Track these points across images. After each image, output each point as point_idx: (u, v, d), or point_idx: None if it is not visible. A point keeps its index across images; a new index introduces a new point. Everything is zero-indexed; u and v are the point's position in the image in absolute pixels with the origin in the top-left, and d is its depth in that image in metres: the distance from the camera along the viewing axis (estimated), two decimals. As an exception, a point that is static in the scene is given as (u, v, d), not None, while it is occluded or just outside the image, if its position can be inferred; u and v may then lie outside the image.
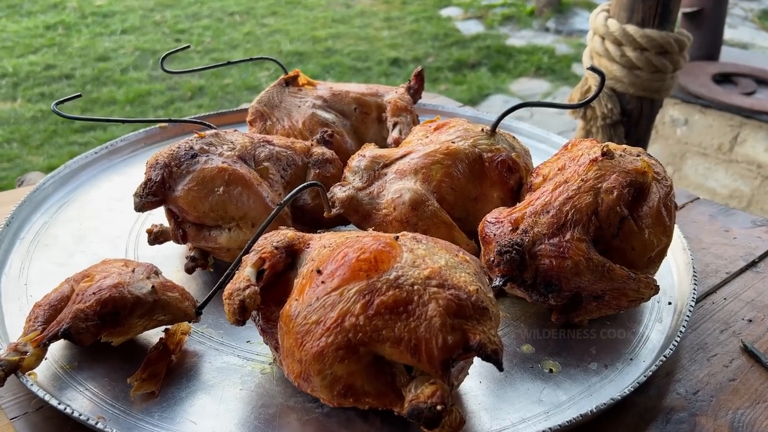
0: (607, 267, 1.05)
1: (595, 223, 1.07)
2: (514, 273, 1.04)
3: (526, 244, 1.05)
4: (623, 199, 1.08)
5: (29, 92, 5.50)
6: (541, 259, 1.05)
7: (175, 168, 1.13)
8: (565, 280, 1.04)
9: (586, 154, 1.16)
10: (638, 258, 1.09)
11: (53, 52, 6.21)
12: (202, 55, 6.16)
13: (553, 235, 1.06)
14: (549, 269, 1.04)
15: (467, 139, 1.27)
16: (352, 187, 1.22)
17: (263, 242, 0.96)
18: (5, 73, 5.75)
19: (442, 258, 0.88)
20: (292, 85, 1.50)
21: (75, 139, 4.86)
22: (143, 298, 0.94)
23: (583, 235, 1.05)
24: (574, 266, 1.03)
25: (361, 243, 0.87)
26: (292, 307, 0.86)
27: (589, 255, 1.04)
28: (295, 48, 6.17)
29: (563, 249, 1.04)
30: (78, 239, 1.30)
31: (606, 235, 1.07)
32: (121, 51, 6.26)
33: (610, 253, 1.08)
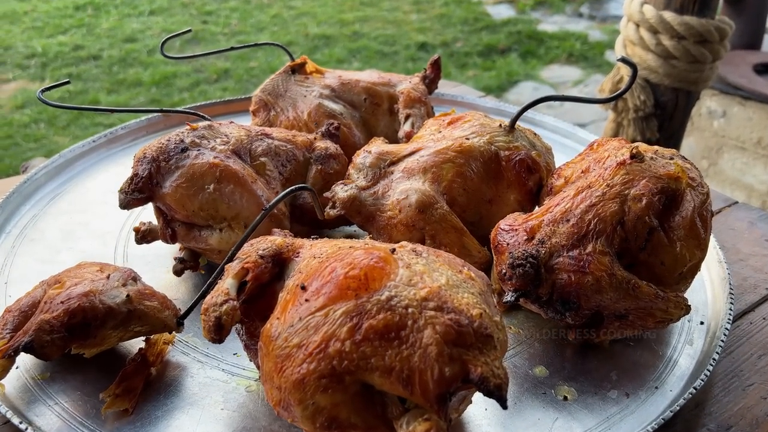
0: (633, 284, 0.94)
1: (621, 235, 0.96)
2: (528, 288, 0.94)
3: (542, 256, 0.95)
4: (653, 207, 0.97)
5: (57, 72, 5.50)
6: (559, 274, 0.94)
7: (163, 163, 1.05)
8: (584, 297, 0.93)
9: (613, 156, 1.04)
10: (668, 274, 0.98)
11: (82, 33, 6.20)
12: (228, 38, 6.10)
13: (573, 246, 0.95)
14: (567, 285, 0.93)
15: (483, 136, 1.16)
16: (356, 186, 1.12)
17: (248, 250, 0.88)
18: (34, 53, 5.76)
19: (443, 275, 0.78)
20: (298, 73, 1.40)
21: (101, 120, 4.84)
22: (116, 308, 0.86)
23: (606, 248, 0.95)
24: (596, 282, 0.93)
25: (352, 257, 0.77)
26: (273, 327, 0.77)
27: (613, 270, 0.93)
28: (322, 31, 6.06)
29: (584, 263, 0.93)
30: (66, 235, 1.23)
31: (632, 247, 0.96)
32: (149, 32, 6.24)
33: (636, 267, 0.97)
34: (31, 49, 5.79)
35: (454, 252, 1.09)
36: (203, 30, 6.26)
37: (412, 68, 5.31)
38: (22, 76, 5.45)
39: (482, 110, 1.69)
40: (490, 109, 1.72)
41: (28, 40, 5.96)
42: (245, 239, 0.89)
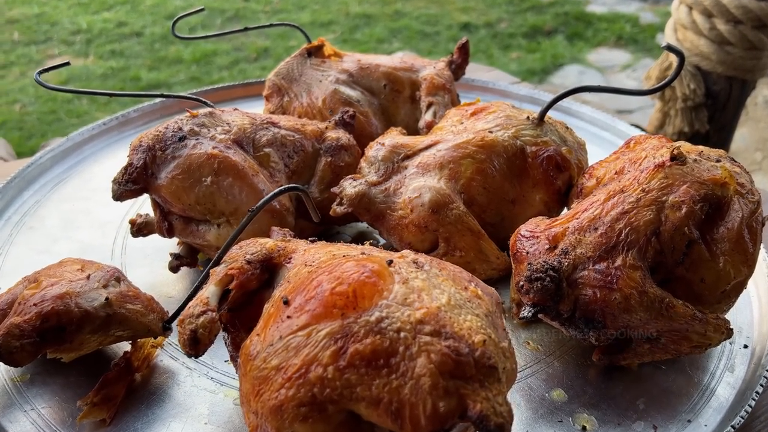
0: (666, 303, 0.83)
1: (655, 247, 0.85)
2: (547, 303, 0.84)
3: (565, 268, 0.85)
4: (694, 217, 0.86)
5: (101, 49, 5.53)
6: (583, 289, 0.84)
7: (159, 152, 0.98)
8: (610, 316, 0.83)
9: (651, 156, 0.93)
10: (708, 292, 0.86)
11: (126, 10, 6.24)
12: (269, 15, 6.04)
13: (601, 259, 0.85)
14: (591, 302, 0.83)
15: (508, 129, 1.06)
16: (365, 181, 1.04)
17: (236, 253, 0.80)
18: (80, 30, 5.82)
19: (444, 293, 0.69)
20: (315, 56, 1.31)
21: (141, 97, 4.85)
22: (93, 312, 0.80)
23: (638, 261, 0.84)
24: (624, 300, 0.82)
25: (341, 270, 0.69)
26: (253, 344, 0.69)
27: (644, 287, 0.83)
28: (363, 10, 5.95)
29: (611, 278, 0.83)
30: (66, 223, 1.18)
31: (668, 261, 0.85)
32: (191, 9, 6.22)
33: (672, 283, 0.86)
34: (77, 26, 5.84)
35: (470, 257, 1.00)
36: (245, 8, 6.21)
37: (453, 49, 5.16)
38: (67, 52, 5.50)
39: (515, 98, 1.58)
40: (524, 96, 1.61)
41: (74, 17, 6.02)
42: (232, 242, 0.81)
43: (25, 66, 5.24)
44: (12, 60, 5.33)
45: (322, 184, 1.09)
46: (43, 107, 4.67)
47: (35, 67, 5.24)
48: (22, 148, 4.22)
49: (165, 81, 5.04)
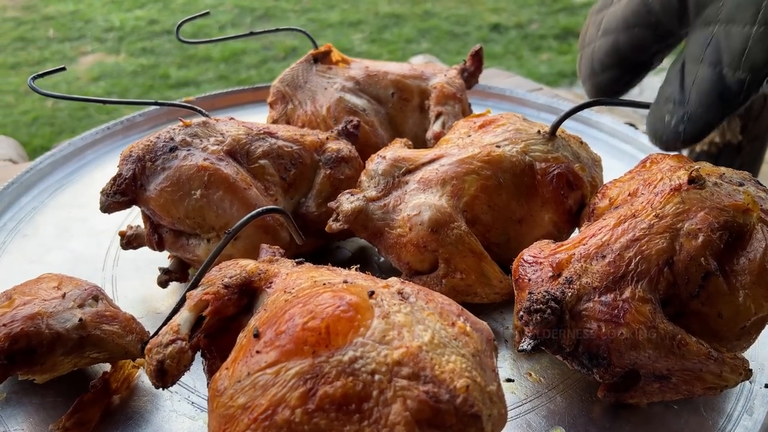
0: (678, 340, 0.76)
1: (668, 278, 0.78)
2: (549, 336, 0.78)
3: (568, 299, 0.78)
4: (712, 246, 0.79)
5: (132, 46, 5.58)
6: (587, 322, 0.77)
7: (149, 163, 0.95)
8: (616, 353, 0.76)
9: (667, 178, 0.86)
10: (726, 328, 0.79)
11: (158, 7, 6.29)
12: (298, 15, 6.04)
13: (607, 290, 0.78)
14: (596, 337, 0.77)
15: (517, 143, 1.00)
16: (364, 196, 0.99)
17: (214, 276, 0.76)
18: (112, 27, 5.88)
19: (428, 330, 0.63)
20: (321, 63, 1.27)
21: (169, 94, 4.88)
22: (65, 334, 0.76)
23: (648, 294, 0.77)
24: (631, 336, 0.76)
25: (316, 302, 0.64)
26: (221, 379, 0.64)
27: (654, 322, 0.76)
28: (392, 9, 5.90)
29: (618, 311, 0.76)
30: (61, 231, 1.15)
31: (682, 294, 0.79)
32: (221, 8, 6.25)
33: (685, 318, 0.79)
34: (110, 23, 5.91)
35: (471, 279, 0.95)
36: (274, 7, 6.22)
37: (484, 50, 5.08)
38: (99, 49, 5.56)
39: (532, 107, 1.52)
40: (542, 105, 1.54)
41: (108, 14, 6.09)
42: (210, 263, 0.77)
43: (59, 62, 5.32)
44: (46, 56, 5.42)
45: (319, 198, 1.04)
46: (74, 104, 4.72)
47: (68, 63, 5.31)
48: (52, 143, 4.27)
49: (193, 79, 5.06)
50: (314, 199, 1.04)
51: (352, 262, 1.12)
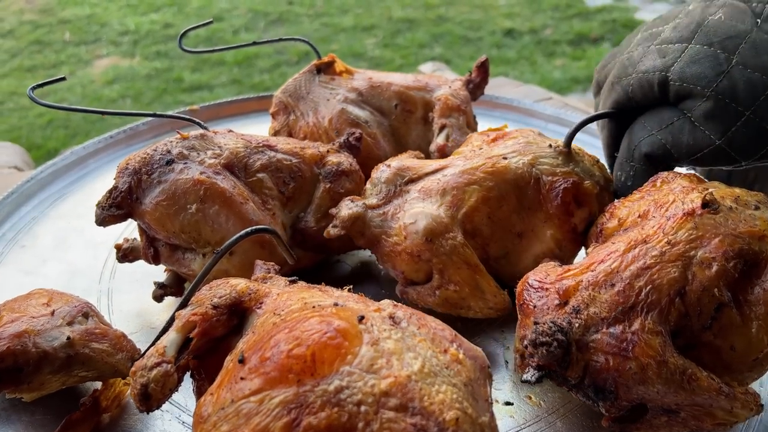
0: (689, 375, 0.73)
1: (680, 309, 0.75)
2: (554, 368, 0.75)
3: (575, 330, 0.75)
4: (726, 276, 0.76)
5: (147, 50, 5.61)
6: (594, 354, 0.74)
7: (145, 176, 0.93)
8: (623, 387, 0.73)
9: (679, 201, 0.83)
10: (738, 360, 0.76)
11: (173, 11, 6.32)
12: (312, 19, 6.04)
13: (616, 321, 0.75)
14: (603, 370, 0.74)
15: (525, 155, 0.98)
16: (363, 203, 0.97)
17: (203, 296, 0.74)
18: (128, 31, 5.91)
19: (418, 357, 0.61)
20: (324, 73, 1.25)
21: (183, 98, 4.90)
22: (52, 352, 0.75)
23: (658, 326, 0.74)
24: (640, 371, 0.72)
25: (302, 328, 0.62)
26: (205, 405, 0.63)
27: (664, 356, 0.73)
28: (405, 15, 5.88)
29: (627, 344, 0.73)
30: (59, 242, 1.14)
31: (694, 326, 0.75)
32: (235, 12, 6.27)
33: (697, 350, 0.76)
34: (125, 27, 5.94)
35: (465, 292, 0.92)
36: (288, 11, 6.23)
37: (497, 55, 5.05)
38: (114, 53, 5.60)
39: (540, 117, 1.50)
40: (549, 116, 1.51)
41: (123, 18, 6.13)
42: (199, 283, 0.75)
43: (74, 65, 5.36)
44: (62, 59, 5.46)
45: (319, 212, 1.02)
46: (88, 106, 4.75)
47: (84, 66, 5.35)
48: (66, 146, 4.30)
49: (207, 83, 5.08)
50: (313, 213, 1.02)
51: (352, 276, 1.10)
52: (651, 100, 0.91)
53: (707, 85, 0.82)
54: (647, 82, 0.89)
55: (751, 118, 0.80)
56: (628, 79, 0.92)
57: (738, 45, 0.82)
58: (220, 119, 1.53)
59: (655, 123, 0.89)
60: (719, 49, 0.83)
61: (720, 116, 0.82)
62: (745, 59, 0.81)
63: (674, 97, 0.87)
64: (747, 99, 0.80)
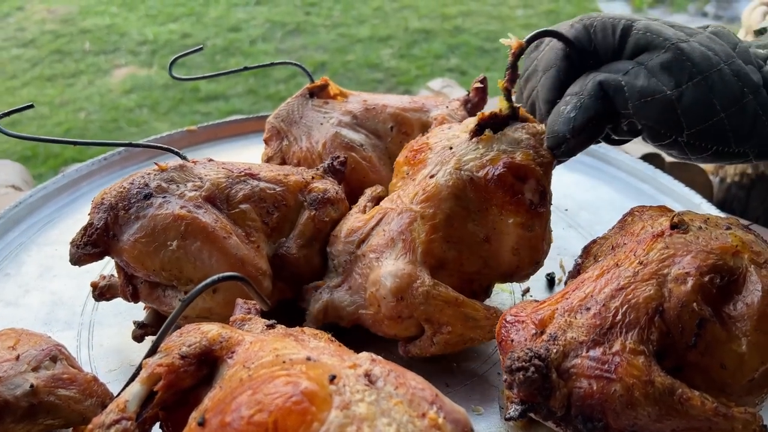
0: (680, 396, 0.69)
1: (661, 328, 0.72)
2: (536, 399, 0.71)
3: (554, 356, 0.72)
4: (703, 291, 0.74)
5: (164, 60, 5.64)
6: (576, 380, 0.71)
7: (122, 211, 0.90)
8: (612, 413, 0.69)
9: (649, 226, 0.83)
10: (732, 380, 0.73)
11: (191, 22, 6.35)
12: (329, 29, 6.03)
13: (595, 343, 0.72)
14: (587, 396, 0.70)
15: (448, 164, 0.92)
16: (327, 287, 0.95)
17: (172, 344, 0.70)
18: (146, 41, 5.96)
19: (392, 424, 0.56)
20: (317, 97, 1.21)
21: (198, 108, 4.92)
22: (13, 401, 0.71)
23: (640, 345, 0.71)
24: (626, 393, 0.69)
25: (266, 391, 0.57)
26: (162, 469, 0.59)
27: (650, 376, 0.69)
28: (422, 25, 5.86)
29: (609, 366, 0.70)
30: (43, 271, 1.11)
31: (678, 345, 0.72)
32: (253, 22, 6.29)
33: (686, 371, 0.73)
34: (144, 36, 5.99)
35: (458, 329, 0.88)
36: (305, 22, 6.23)
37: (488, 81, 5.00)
38: (132, 62, 5.64)
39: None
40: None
41: (142, 28, 6.18)
42: (167, 329, 0.71)
43: (93, 75, 5.41)
44: (81, 69, 5.52)
45: (301, 239, 0.98)
46: (106, 116, 4.79)
47: (102, 76, 5.40)
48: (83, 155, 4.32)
49: (223, 93, 5.10)
50: (295, 239, 0.98)
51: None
52: (608, 47, 0.89)
53: (668, 39, 0.84)
54: (611, 25, 0.88)
55: (701, 83, 0.81)
56: (593, 20, 0.91)
57: (703, 30, 0.88)
58: (217, 140, 1.50)
59: (611, 70, 0.88)
60: (685, 29, 0.88)
61: (675, 70, 0.82)
62: (702, 40, 0.84)
63: (632, 48, 0.86)
64: (701, 65, 0.82)
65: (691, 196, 1.24)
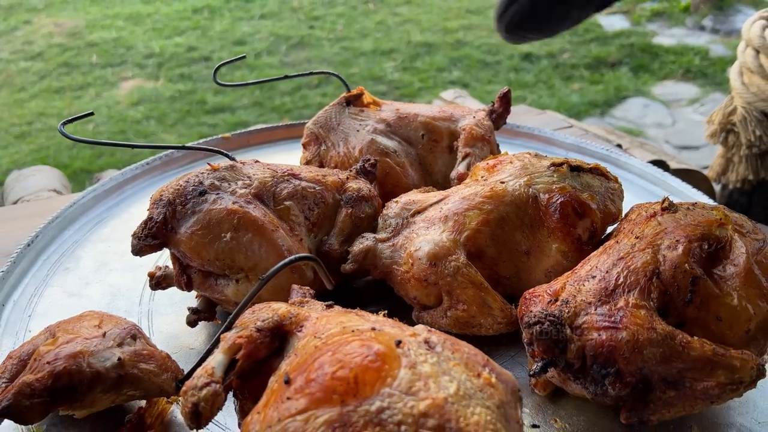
0: (680, 340, 0.79)
1: (659, 287, 0.82)
2: (554, 352, 0.81)
3: (567, 316, 0.82)
4: (693, 254, 0.84)
5: (171, 72, 5.73)
6: (588, 334, 0.81)
7: (179, 206, 0.98)
8: (622, 359, 0.79)
9: (643, 211, 0.95)
10: (728, 330, 0.82)
11: (196, 35, 6.44)
12: (333, 43, 6.14)
13: (602, 302, 0.83)
14: (599, 345, 0.80)
15: (521, 177, 1.03)
16: (374, 237, 1.05)
17: (247, 319, 0.78)
18: (153, 53, 6.04)
19: (453, 381, 0.65)
20: (354, 105, 1.30)
21: (205, 120, 5.00)
22: (104, 372, 0.79)
23: (641, 301, 0.81)
24: (632, 338, 0.79)
25: (344, 351, 0.66)
26: (252, 423, 0.67)
27: (652, 324, 0.79)
28: (424, 39, 5.97)
29: (615, 318, 0.80)
30: (100, 265, 1.20)
31: (676, 301, 0.82)
32: (258, 36, 6.38)
33: (687, 326, 0.83)
34: (150, 49, 6.07)
35: (473, 310, 0.97)
36: (309, 35, 6.34)
37: (515, 79, 5.11)
38: (139, 75, 5.72)
39: (561, 146, 1.54)
40: (570, 145, 1.55)
41: (148, 41, 6.26)
42: (244, 306, 0.79)
43: (101, 87, 5.50)
44: (89, 81, 5.60)
45: (341, 236, 1.07)
46: (114, 127, 4.86)
47: (110, 88, 5.48)
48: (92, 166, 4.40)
49: (229, 105, 5.18)
50: (336, 236, 1.07)
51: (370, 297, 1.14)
52: None
53: None
54: None
55: None
56: None
57: None
58: (249, 147, 1.59)
59: None
60: None
61: None
62: None
63: None
64: None
65: (698, 197, 1.32)
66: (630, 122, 4.46)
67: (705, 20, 5.90)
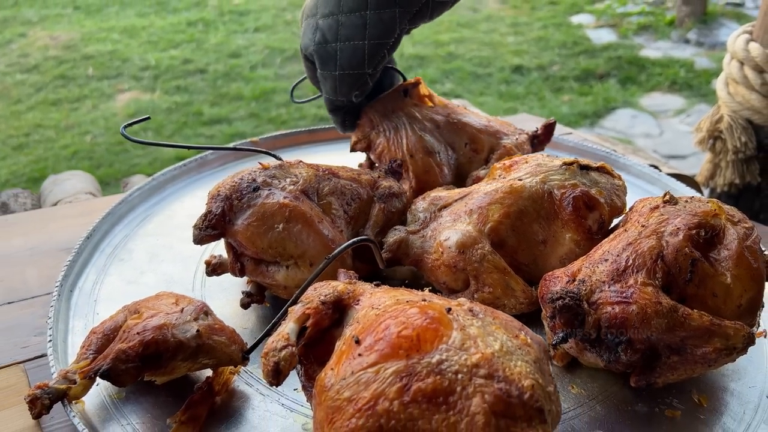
0: (682, 312, 0.93)
1: (663, 268, 0.96)
2: (574, 325, 0.94)
3: (584, 293, 0.96)
4: (692, 240, 0.98)
5: (167, 84, 5.81)
6: (603, 308, 0.95)
7: (236, 201, 1.10)
8: (633, 329, 0.93)
9: (647, 204, 1.08)
10: (723, 305, 0.96)
11: (191, 48, 6.52)
12: (326, 56, 6.23)
13: (614, 281, 0.96)
14: (612, 317, 0.93)
15: (537, 175, 1.17)
16: (405, 230, 1.18)
17: (311, 294, 0.90)
18: (148, 66, 6.11)
19: (497, 340, 0.77)
20: (410, 95, 1.43)
21: (203, 131, 5.08)
22: (186, 342, 0.91)
23: (648, 280, 0.95)
24: (641, 311, 0.92)
25: (406, 315, 0.78)
26: (327, 377, 0.79)
27: (658, 299, 0.93)
28: (416, 51, 6.12)
29: (626, 294, 0.94)
30: (152, 257, 1.31)
31: (678, 281, 0.96)
32: (252, 49, 6.48)
33: (687, 302, 0.96)
34: (146, 62, 6.15)
35: (498, 292, 1.09)
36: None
37: (505, 90, 5.26)
38: (135, 87, 5.80)
39: (564, 149, 1.67)
40: (574, 148, 1.68)
41: (144, 54, 6.33)
42: (310, 283, 0.91)
43: (97, 99, 5.57)
44: (85, 93, 5.66)
45: (376, 228, 1.21)
46: (111, 139, 4.93)
47: (106, 100, 5.56)
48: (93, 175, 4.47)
49: (225, 116, 5.27)
50: (371, 229, 1.20)
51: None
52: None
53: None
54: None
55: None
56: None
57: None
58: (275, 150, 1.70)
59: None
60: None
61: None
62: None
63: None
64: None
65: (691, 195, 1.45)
66: (619, 132, 4.64)
67: (690, 34, 6.12)
